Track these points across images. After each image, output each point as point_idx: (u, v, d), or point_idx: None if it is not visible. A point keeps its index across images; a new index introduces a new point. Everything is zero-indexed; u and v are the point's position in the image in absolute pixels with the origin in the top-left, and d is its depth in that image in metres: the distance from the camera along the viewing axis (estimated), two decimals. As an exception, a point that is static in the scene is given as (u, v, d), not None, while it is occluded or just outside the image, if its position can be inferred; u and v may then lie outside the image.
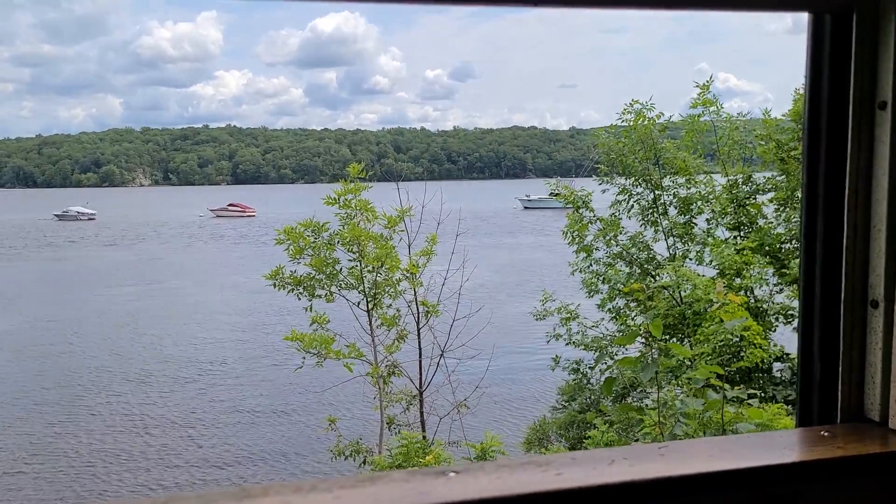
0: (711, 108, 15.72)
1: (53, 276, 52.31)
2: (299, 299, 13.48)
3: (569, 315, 16.14)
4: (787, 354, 13.55)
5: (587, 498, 1.27)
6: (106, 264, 57.59)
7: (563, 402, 16.68)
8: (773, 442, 1.53)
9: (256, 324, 35.22)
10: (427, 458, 10.52)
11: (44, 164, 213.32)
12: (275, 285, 13.37)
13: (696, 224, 15.97)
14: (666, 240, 16.00)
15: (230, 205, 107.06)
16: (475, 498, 1.21)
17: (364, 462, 12.54)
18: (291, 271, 13.39)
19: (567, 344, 16.13)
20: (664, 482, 1.30)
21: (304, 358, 12.69)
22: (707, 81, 15.75)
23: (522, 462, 1.35)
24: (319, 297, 13.36)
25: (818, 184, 1.57)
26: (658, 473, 1.32)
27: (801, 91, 14.79)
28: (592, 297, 16.26)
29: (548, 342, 16.75)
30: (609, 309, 15.61)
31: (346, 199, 13.38)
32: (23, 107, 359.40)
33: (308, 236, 13.28)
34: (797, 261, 14.50)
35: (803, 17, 1.56)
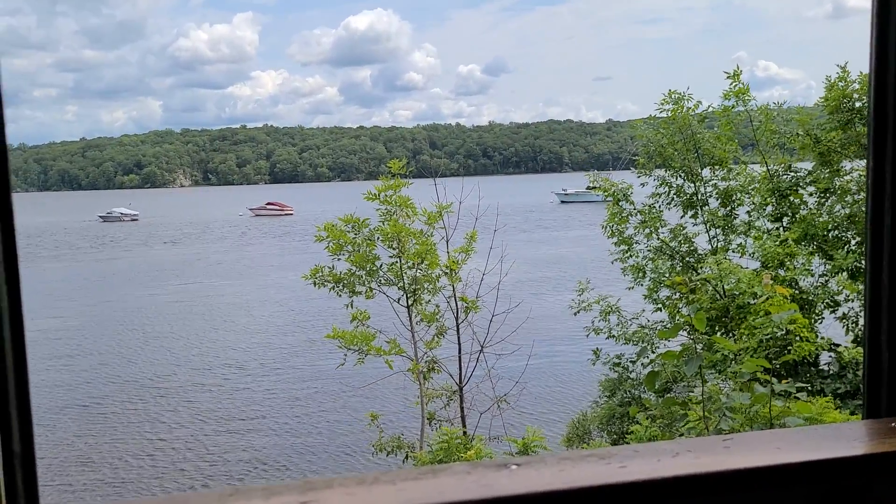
0: (745, 97, 15.37)
1: (102, 275, 53.53)
2: (339, 296, 13.56)
3: (609, 309, 15.99)
4: (836, 346, 13.25)
5: (654, 491, 1.25)
6: (151, 264, 58.73)
7: (605, 397, 16.54)
8: (841, 434, 1.50)
9: (298, 321, 35.60)
10: (468, 453, 10.51)
11: (88, 167, 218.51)
12: (315, 283, 13.46)
13: (737, 216, 15.69)
14: (707, 232, 15.75)
15: (269, 204, 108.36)
16: (540, 491, 1.20)
17: (406, 458, 12.58)
18: (331, 268, 13.48)
19: (608, 338, 15.99)
20: (732, 475, 1.28)
21: (345, 355, 12.78)
22: (736, 70, 15.39)
23: (584, 455, 1.34)
24: (360, 293, 13.43)
25: (885, 169, 1.52)
26: (725, 466, 1.29)
27: (834, 78, 14.41)
28: (633, 289, 16.09)
29: (587, 336, 16.61)
30: (655, 299, 15.43)
31: (387, 196, 13.42)
32: (67, 111, 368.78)
33: (348, 233, 13.35)
34: (842, 250, 14.18)
35: (844, 2, 1.51)
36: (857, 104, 14.05)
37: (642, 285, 15.73)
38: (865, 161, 1.59)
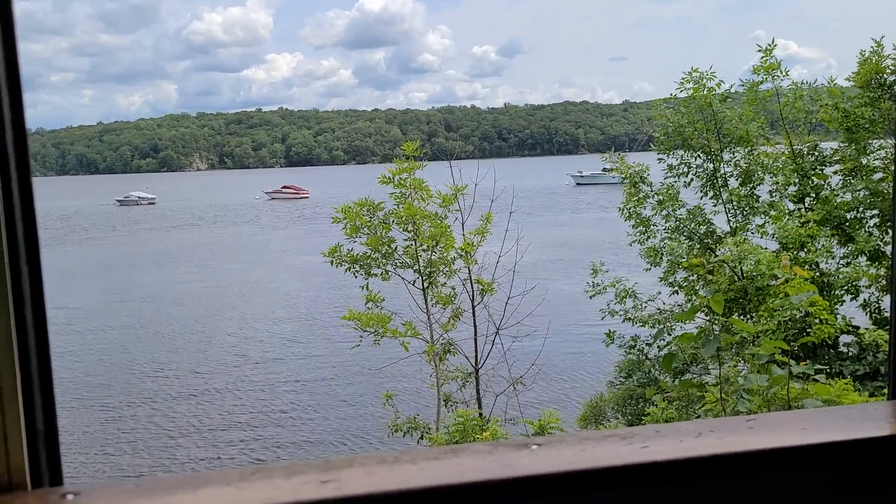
0: (775, 73, 15.17)
1: (122, 258, 54.02)
2: (355, 277, 13.60)
3: (625, 292, 15.94)
4: (856, 328, 13.14)
5: (676, 471, 1.24)
6: (170, 247, 59.20)
7: (621, 379, 16.53)
8: (866, 414, 1.48)
9: (316, 303, 35.78)
10: (484, 434, 10.57)
11: (105, 151, 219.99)
12: (332, 262, 13.51)
13: (758, 196, 15.54)
14: (726, 213, 15.62)
15: (284, 187, 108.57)
16: (561, 471, 1.19)
17: (422, 438, 12.66)
18: (349, 249, 13.52)
19: (624, 320, 15.94)
20: (756, 455, 1.27)
21: (361, 337, 12.83)
22: (770, 45, 15.20)
23: (605, 435, 1.33)
24: (375, 275, 13.47)
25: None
26: (749, 446, 1.28)
27: (868, 54, 14.20)
28: (650, 270, 16.01)
29: (602, 318, 16.58)
30: (672, 282, 15.36)
31: (401, 179, 13.41)
32: (83, 95, 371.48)
33: (364, 215, 13.37)
34: (861, 231, 14.03)
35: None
36: (891, 79, 13.88)
37: (659, 266, 15.65)
38: (892, 138, 1.55)
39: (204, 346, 29.46)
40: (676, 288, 15.35)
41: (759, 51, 15.17)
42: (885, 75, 13.92)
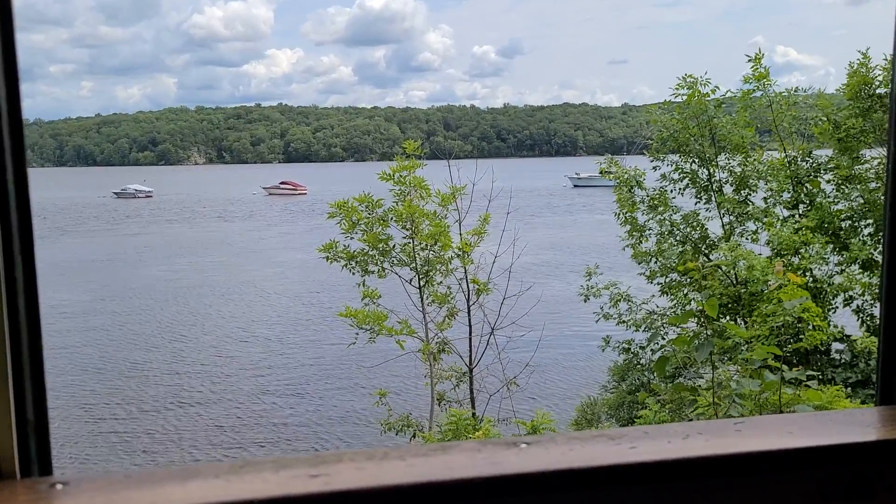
0: (765, 82, 15.20)
1: (118, 252, 53.91)
2: (353, 273, 13.59)
3: (619, 296, 15.95)
4: (848, 336, 13.18)
5: (664, 472, 1.25)
6: (166, 241, 59.05)
7: (614, 382, 16.55)
8: (854, 419, 1.49)
9: (311, 299, 35.73)
10: (476, 434, 10.56)
11: (103, 143, 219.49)
12: (328, 259, 13.50)
13: (752, 203, 15.57)
14: (721, 218, 15.65)
15: (282, 183, 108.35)
16: (549, 469, 1.20)
17: (414, 436, 12.66)
18: (345, 245, 13.50)
19: (618, 324, 15.96)
20: (742, 458, 1.28)
21: (356, 334, 12.82)
22: (758, 54, 15.21)
23: (594, 435, 1.34)
24: (372, 272, 13.46)
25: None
26: (736, 449, 1.29)
27: (856, 66, 14.25)
28: (644, 275, 16.03)
29: (596, 321, 16.60)
30: (659, 283, 15.39)
31: (401, 176, 13.41)
32: (82, 87, 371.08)
33: (361, 211, 13.36)
34: (856, 239, 14.07)
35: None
36: (879, 91, 13.90)
37: (648, 267, 15.67)
38: (886, 148, 1.56)
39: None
40: (666, 290, 15.40)
41: (749, 60, 15.18)
42: (873, 86, 13.96)
